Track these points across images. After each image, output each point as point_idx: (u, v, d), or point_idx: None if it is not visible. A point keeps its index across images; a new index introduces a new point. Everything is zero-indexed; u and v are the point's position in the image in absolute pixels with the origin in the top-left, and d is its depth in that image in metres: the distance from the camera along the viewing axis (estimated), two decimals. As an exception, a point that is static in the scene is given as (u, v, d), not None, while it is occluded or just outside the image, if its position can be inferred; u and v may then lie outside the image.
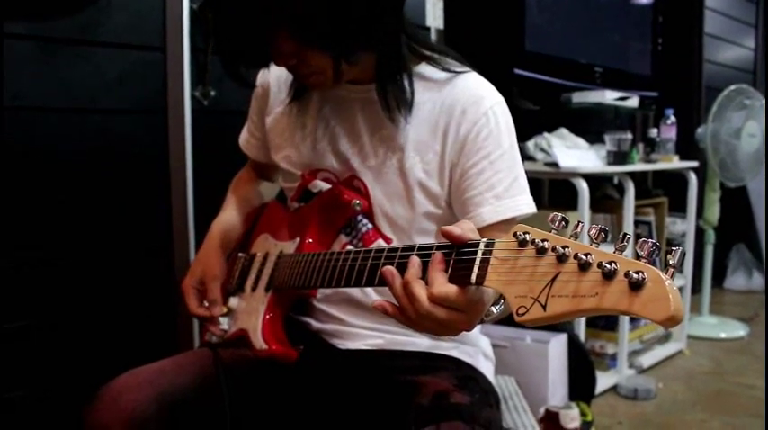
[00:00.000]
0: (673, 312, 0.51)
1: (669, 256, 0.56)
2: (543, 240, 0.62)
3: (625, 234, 0.59)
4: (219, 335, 1.10)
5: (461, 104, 1.00)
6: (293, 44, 0.90)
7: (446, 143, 1.00)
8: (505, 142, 1.00)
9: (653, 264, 0.55)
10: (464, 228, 0.72)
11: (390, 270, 0.75)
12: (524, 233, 0.64)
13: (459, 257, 0.71)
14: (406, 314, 0.73)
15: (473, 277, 0.68)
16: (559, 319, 0.60)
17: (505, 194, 0.98)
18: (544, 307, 0.60)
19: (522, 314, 0.61)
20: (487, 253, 0.68)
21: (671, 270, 0.54)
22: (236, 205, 1.26)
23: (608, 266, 0.55)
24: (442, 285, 0.70)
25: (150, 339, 1.74)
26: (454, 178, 1.01)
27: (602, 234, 0.60)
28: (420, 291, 0.71)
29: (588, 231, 0.61)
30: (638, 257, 0.56)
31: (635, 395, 2.47)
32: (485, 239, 0.70)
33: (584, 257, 0.58)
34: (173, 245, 1.77)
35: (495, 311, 0.78)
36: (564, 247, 0.60)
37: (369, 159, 1.04)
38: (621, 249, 0.58)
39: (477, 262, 0.68)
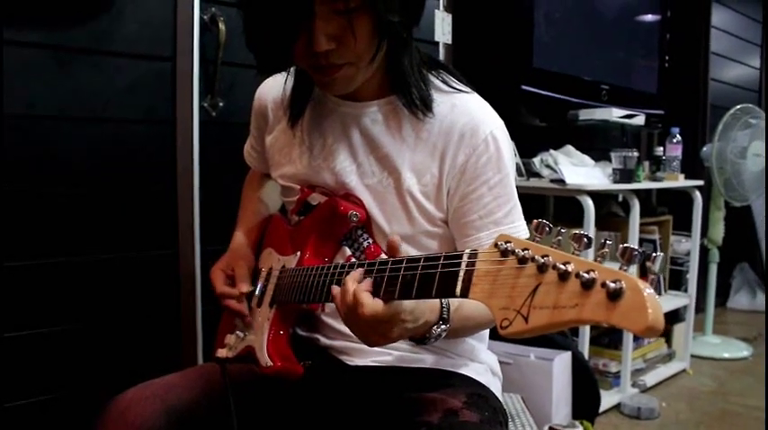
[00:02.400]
0: (651, 322, 0.49)
1: (649, 263, 0.55)
2: (524, 249, 0.61)
3: (605, 240, 0.58)
4: (229, 352, 1.09)
5: (459, 129, 0.99)
6: (340, 23, 0.87)
7: (443, 167, 1.00)
8: (504, 167, 1.00)
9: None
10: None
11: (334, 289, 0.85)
12: (506, 243, 0.63)
13: (444, 270, 0.71)
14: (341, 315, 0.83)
15: (457, 290, 0.68)
16: (542, 332, 0.58)
17: (505, 220, 0.99)
18: (526, 319, 0.58)
19: (506, 327, 0.60)
20: (471, 264, 0.67)
21: (651, 277, 0.53)
22: (244, 224, 1.28)
23: (586, 276, 0.54)
24: (365, 305, 0.78)
25: (155, 348, 1.73)
26: (453, 202, 1.01)
27: (585, 240, 0.58)
28: (349, 294, 0.80)
29: (570, 238, 0.59)
30: (620, 266, 0.55)
31: (638, 414, 2.45)
32: (468, 251, 0.69)
33: (563, 267, 0.56)
34: (179, 254, 1.77)
35: (435, 332, 0.85)
36: (544, 257, 0.58)
37: (366, 178, 1.04)
38: (602, 256, 0.56)
39: (462, 274, 0.68)
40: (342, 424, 1.03)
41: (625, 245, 0.55)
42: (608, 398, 2.49)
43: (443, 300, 0.85)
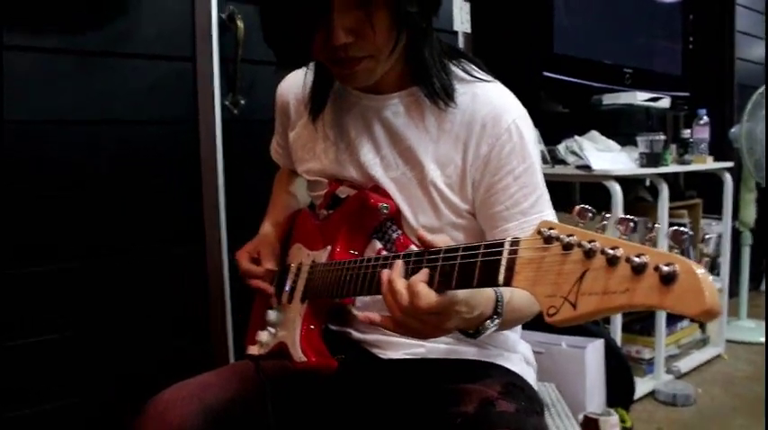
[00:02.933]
0: (708, 305, 0.48)
1: (702, 246, 0.53)
2: (569, 235, 0.60)
3: (653, 223, 0.56)
4: (260, 349, 1.09)
5: (482, 119, 0.98)
6: (359, 15, 0.87)
7: (467, 158, 0.98)
8: (529, 156, 0.98)
9: (686, 254, 0.52)
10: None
11: (385, 271, 0.81)
12: (549, 229, 0.62)
13: (485, 259, 0.69)
14: (392, 312, 0.78)
15: (500, 278, 0.67)
16: (591, 318, 0.57)
17: (532, 210, 0.97)
18: (574, 306, 0.57)
19: (553, 314, 0.59)
20: (513, 252, 0.66)
21: (704, 260, 0.52)
22: (274, 216, 1.28)
23: (637, 260, 0.53)
24: (422, 296, 0.74)
25: (185, 346, 1.74)
26: (478, 193, 0.99)
27: (631, 224, 0.57)
28: (401, 286, 0.77)
29: (616, 223, 0.58)
30: (670, 248, 0.53)
31: (674, 401, 2.41)
32: (509, 238, 0.68)
33: (611, 252, 0.55)
34: (205, 253, 1.77)
35: (489, 326, 0.82)
36: (591, 242, 0.57)
37: (391, 171, 1.03)
38: (651, 241, 0.55)
39: (504, 262, 0.67)
40: (377, 417, 1.02)
41: (675, 227, 0.54)
42: (642, 386, 2.45)
43: (498, 292, 0.83)
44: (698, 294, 0.49)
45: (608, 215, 0.60)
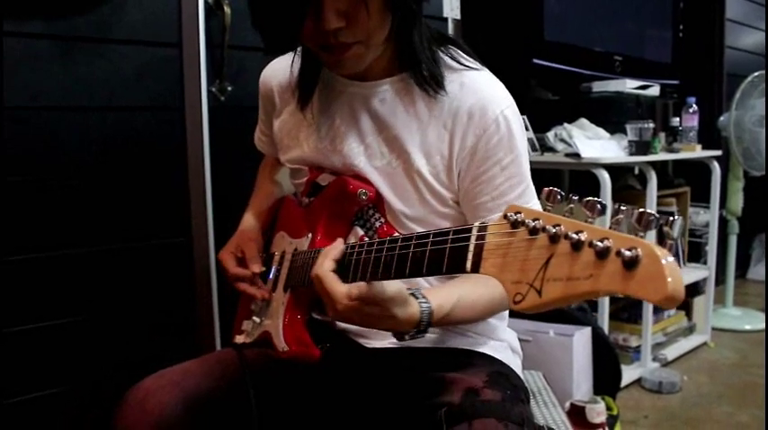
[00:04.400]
0: (670, 292, 0.46)
1: (666, 228, 0.52)
2: (535, 220, 0.57)
3: (618, 205, 0.54)
4: (246, 338, 1.09)
5: (468, 109, 0.97)
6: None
7: (453, 149, 0.98)
8: (516, 147, 0.98)
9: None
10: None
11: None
12: (516, 213, 0.60)
13: (453, 245, 0.69)
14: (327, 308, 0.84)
15: (468, 265, 0.65)
16: (556, 305, 0.55)
17: (518, 202, 0.96)
18: (540, 292, 0.55)
19: (519, 301, 0.57)
20: (481, 238, 0.65)
21: (669, 243, 0.50)
22: (256, 206, 1.27)
23: (599, 244, 0.50)
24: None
25: (171, 337, 1.73)
26: (464, 183, 0.99)
27: (599, 207, 0.55)
28: (330, 284, 0.83)
29: (582, 205, 0.56)
30: (635, 231, 0.51)
31: (660, 388, 2.43)
32: (477, 224, 0.66)
33: (575, 236, 0.53)
34: (192, 240, 1.76)
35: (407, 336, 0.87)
36: (556, 226, 0.55)
37: (375, 160, 1.02)
38: (617, 223, 0.53)
39: (471, 247, 0.65)
40: (361, 406, 1.02)
41: (641, 209, 0.51)
42: (629, 373, 2.47)
43: (424, 311, 0.85)
44: (660, 280, 0.47)
45: (575, 197, 0.58)
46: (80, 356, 1.59)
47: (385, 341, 1.04)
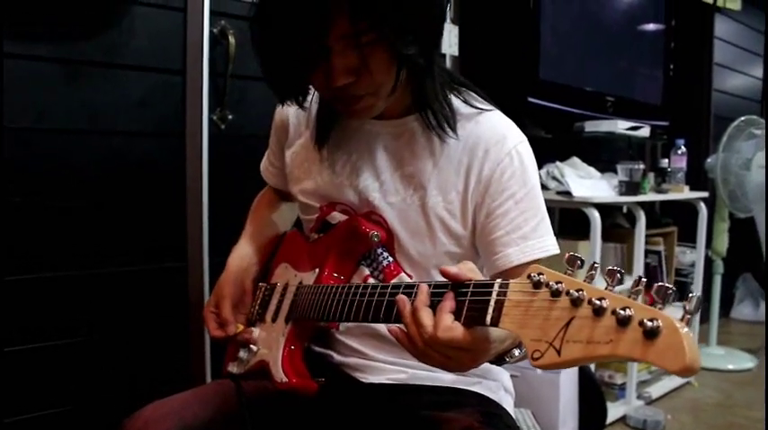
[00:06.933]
0: (688, 363, 0.50)
1: (685, 303, 0.55)
2: (558, 282, 0.62)
3: (639, 277, 0.59)
4: (240, 367, 1.09)
5: (484, 144, 0.99)
6: (358, 57, 0.86)
7: (469, 183, 0.99)
8: (530, 181, 1.00)
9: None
10: (461, 268, 0.75)
11: (403, 298, 0.79)
12: (539, 274, 0.64)
13: (473, 298, 0.71)
14: (414, 342, 0.76)
15: (488, 319, 0.68)
16: (574, 364, 0.59)
17: (532, 235, 0.98)
18: (558, 352, 0.59)
19: (537, 358, 0.61)
20: (502, 294, 0.68)
21: (687, 317, 0.54)
22: (252, 236, 1.25)
23: (622, 313, 0.55)
24: (448, 329, 0.72)
25: (164, 361, 1.73)
26: (479, 219, 1.00)
27: (618, 276, 0.60)
28: (427, 318, 0.74)
29: (604, 274, 0.60)
30: (653, 303, 0.55)
31: (644, 426, 2.45)
32: (499, 280, 0.69)
33: (598, 302, 0.57)
34: (188, 266, 1.77)
35: (517, 354, 0.82)
36: (578, 291, 0.59)
37: (390, 196, 1.03)
38: (636, 293, 0.57)
39: (492, 303, 0.68)
40: (357, 442, 1.03)
41: (660, 284, 0.56)
42: (613, 411, 2.48)
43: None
44: (679, 351, 0.51)
45: (596, 264, 0.62)
46: (77, 377, 1.59)
47: (381, 377, 1.05)
